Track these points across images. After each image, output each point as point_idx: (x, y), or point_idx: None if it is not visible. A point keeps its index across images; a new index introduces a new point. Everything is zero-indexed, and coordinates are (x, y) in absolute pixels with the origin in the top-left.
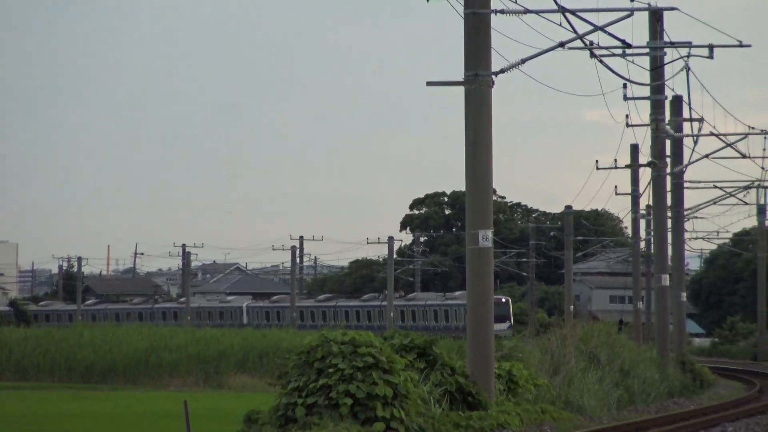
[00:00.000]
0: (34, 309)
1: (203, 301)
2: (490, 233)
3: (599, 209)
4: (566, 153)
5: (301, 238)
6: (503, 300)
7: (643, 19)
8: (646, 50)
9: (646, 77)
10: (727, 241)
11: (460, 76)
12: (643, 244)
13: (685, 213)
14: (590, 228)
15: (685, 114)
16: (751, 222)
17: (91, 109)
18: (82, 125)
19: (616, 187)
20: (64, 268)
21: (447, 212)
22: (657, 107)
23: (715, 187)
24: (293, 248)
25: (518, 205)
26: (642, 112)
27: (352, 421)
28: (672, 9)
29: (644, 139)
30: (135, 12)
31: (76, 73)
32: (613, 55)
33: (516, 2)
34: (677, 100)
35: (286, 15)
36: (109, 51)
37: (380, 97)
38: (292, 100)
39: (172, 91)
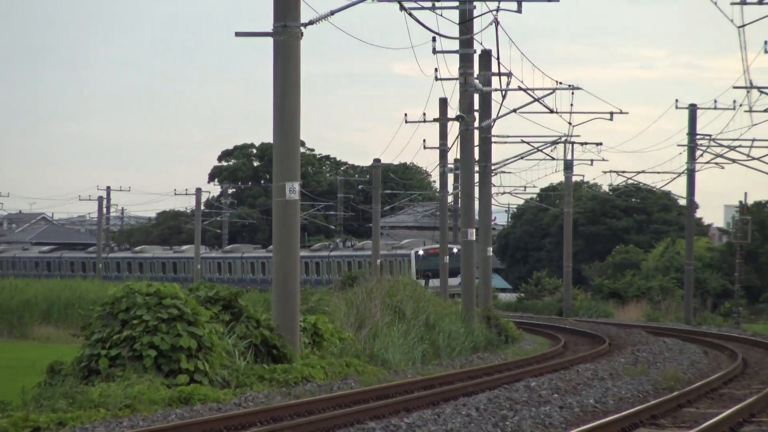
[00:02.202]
0: None
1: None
2: (297, 186)
3: (408, 163)
4: (376, 106)
5: (108, 188)
6: (455, 251)
7: None
8: (456, 4)
9: (455, 31)
10: (534, 196)
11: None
12: (450, 198)
13: (493, 167)
14: (399, 182)
15: (494, 68)
16: (558, 177)
17: None
18: None
19: (424, 140)
20: None
21: (256, 164)
22: (466, 61)
23: (523, 141)
24: (100, 198)
25: (327, 157)
26: (451, 66)
27: (155, 372)
28: None
29: (453, 93)
30: None
31: None
32: (423, 8)
33: None
34: (486, 55)
35: None
36: None
37: (189, 44)
38: (102, 45)
39: None
